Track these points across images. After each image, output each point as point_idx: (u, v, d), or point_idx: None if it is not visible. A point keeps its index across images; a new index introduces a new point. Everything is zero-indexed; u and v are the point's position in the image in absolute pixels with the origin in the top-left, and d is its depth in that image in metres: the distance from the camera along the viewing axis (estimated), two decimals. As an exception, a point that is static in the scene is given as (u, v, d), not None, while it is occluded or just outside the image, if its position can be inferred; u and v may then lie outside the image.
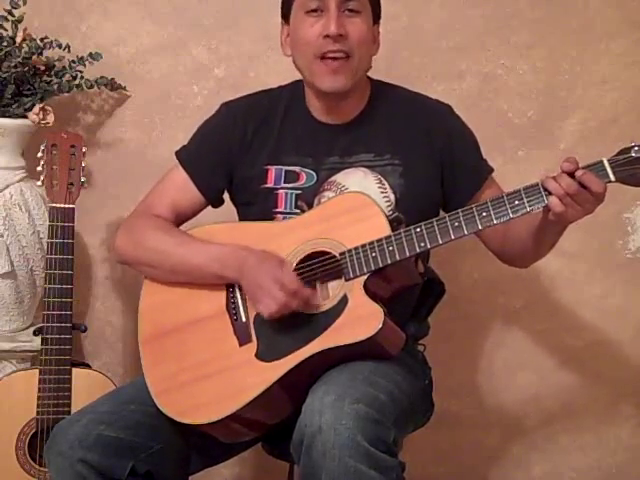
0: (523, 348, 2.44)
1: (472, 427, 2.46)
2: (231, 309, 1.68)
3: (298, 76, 1.83)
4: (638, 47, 2.33)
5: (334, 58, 1.70)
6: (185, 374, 1.66)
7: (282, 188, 1.78)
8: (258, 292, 1.62)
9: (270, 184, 1.79)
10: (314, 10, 1.71)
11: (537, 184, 1.53)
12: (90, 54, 2.20)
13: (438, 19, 2.33)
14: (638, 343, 2.43)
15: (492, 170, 1.85)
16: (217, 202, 1.89)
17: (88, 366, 2.07)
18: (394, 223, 1.66)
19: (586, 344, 2.42)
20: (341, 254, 1.62)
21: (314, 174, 1.78)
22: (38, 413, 1.94)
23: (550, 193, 1.51)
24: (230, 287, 1.70)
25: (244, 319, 1.67)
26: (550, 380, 2.44)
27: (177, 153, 1.88)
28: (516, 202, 1.53)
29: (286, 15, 1.79)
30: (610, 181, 1.49)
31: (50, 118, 2.15)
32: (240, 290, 1.69)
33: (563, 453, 2.47)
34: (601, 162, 1.50)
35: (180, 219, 1.85)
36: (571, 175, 1.50)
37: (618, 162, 1.49)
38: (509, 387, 2.46)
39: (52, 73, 2.20)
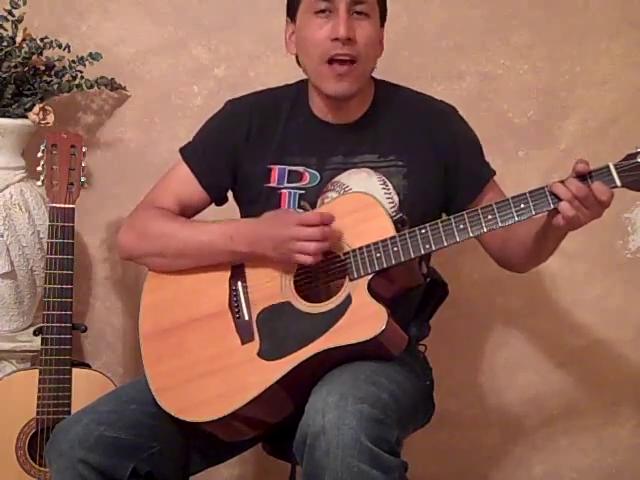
0: (523, 348, 2.44)
1: (472, 427, 2.47)
2: (234, 307, 1.68)
3: (298, 76, 1.83)
4: (638, 47, 2.34)
5: (341, 62, 1.70)
6: (186, 371, 1.66)
7: (285, 188, 1.78)
8: (289, 244, 1.60)
9: (273, 183, 1.79)
10: (322, 11, 1.70)
11: (543, 188, 1.53)
12: (90, 54, 2.20)
13: (438, 19, 2.33)
14: (638, 343, 2.43)
15: (494, 173, 1.85)
16: (220, 200, 1.89)
17: (88, 366, 2.06)
18: (398, 224, 1.66)
19: (586, 344, 2.43)
20: (345, 254, 1.62)
21: (318, 174, 1.78)
22: (38, 413, 1.94)
23: (557, 198, 1.50)
24: (233, 285, 1.70)
25: (247, 317, 1.66)
26: (550, 380, 2.44)
27: (181, 150, 1.88)
28: (522, 205, 1.53)
29: (292, 13, 1.78)
30: (616, 186, 1.49)
31: (50, 118, 2.15)
32: (243, 288, 1.69)
33: (563, 453, 2.47)
34: (607, 167, 1.49)
35: (184, 214, 1.84)
36: (581, 178, 1.50)
37: (624, 168, 1.48)
38: (509, 387, 2.46)
39: (52, 73, 2.20)
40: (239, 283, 1.70)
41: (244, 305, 1.68)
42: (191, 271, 1.74)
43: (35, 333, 2.02)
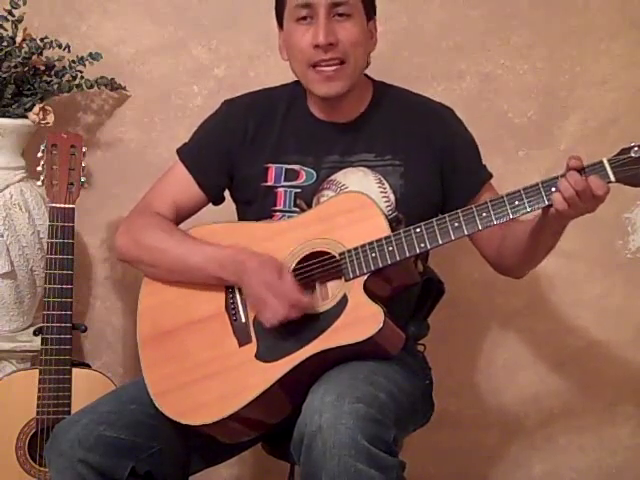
0: (523, 348, 2.44)
1: (472, 427, 2.46)
2: (230, 309, 1.68)
3: (298, 76, 1.83)
4: (638, 47, 2.34)
5: (328, 65, 1.70)
6: (184, 374, 1.66)
7: (282, 186, 1.78)
8: (258, 303, 1.62)
9: (270, 182, 1.79)
10: (304, 18, 1.71)
11: (537, 184, 1.53)
12: (90, 54, 2.20)
13: (438, 19, 2.33)
14: (638, 343, 2.43)
15: (491, 176, 1.85)
16: (218, 200, 1.89)
17: (88, 366, 2.07)
18: (393, 223, 1.66)
19: (586, 344, 2.43)
20: (341, 254, 1.62)
21: (314, 173, 1.78)
22: (38, 413, 1.94)
23: (552, 193, 1.50)
24: (230, 287, 1.70)
25: (243, 319, 1.67)
26: (550, 380, 2.44)
27: (178, 150, 1.88)
28: (516, 202, 1.53)
29: (279, 20, 1.79)
30: (610, 181, 1.49)
31: (50, 118, 2.15)
32: (240, 291, 1.69)
33: (563, 453, 2.47)
34: (601, 162, 1.49)
35: (181, 216, 1.85)
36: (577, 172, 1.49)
37: (618, 162, 1.48)
38: (509, 387, 2.46)
39: (52, 73, 2.20)
40: (236, 286, 1.70)
41: (241, 307, 1.68)
42: None
43: (35, 333, 2.02)
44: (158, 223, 1.80)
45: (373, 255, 1.59)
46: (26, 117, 2.14)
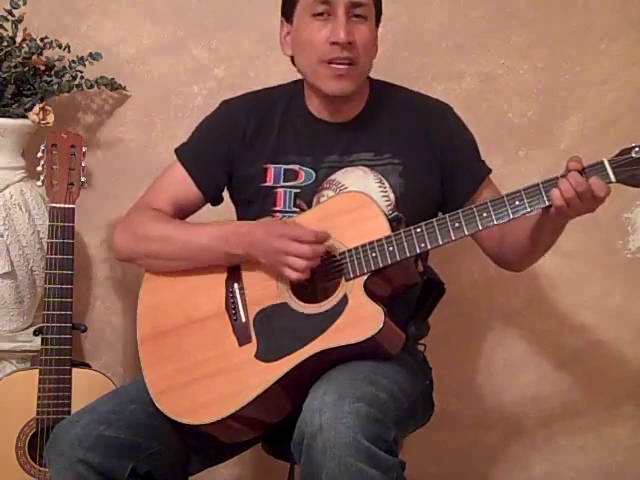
0: (523, 348, 2.44)
1: (472, 427, 2.47)
2: (230, 309, 1.68)
3: (299, 76, 1.83)
4: (638, 47, 2.34)
5: (340, 63, 1.70)
6: (184, 374, 1.66)
7: (281, 187, 1.78)
8: (280, 257, 1.61)
9: (269, 182, 1.79)
10: (321, 14, 1.70)
11: (537, 184, 1.53)
12: (90, 54, 2.20)
13: (438, 19, 2.33)
14: (638, 343, 2.43)
15: (490, 171, 1.85)
16: (216, 200, 1.89)
17: (88, 366, 2.07)
18: (394, 222, 1.66)
19: (586, 344, 2.43)
20: (341, 254, 1.62)
21: (313, 173, 1.78)
22: (38, 413, 1.94)
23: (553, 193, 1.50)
24: (230, 287, 1.70)
25: (244, 319, 1.67)
26: (550, 380, 2.44)
27: (177, 150, 1.88)
28: (517, 202, 1.53)
29: (288, 14, 1.78)
30: (611, 182, 1.49)
31: (50, 118, 2.15)
32: (240, 289, 1.69)
33: (563, 453, 2.47)
34: (602, 163, 1.49)
35: (179, 216, 1.85)
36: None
37: (619, 163, 1.48)
38: (509, 387, 2.46)
39: (52, 73, 2.20)
40: (235, 285, 1.70)
41: (241, 307, 1.68)
42: (188, 273, 1.74)
43: (35, 333, 2.02)
44: (155, 216, 1.80)
45: (373, 255, 1.59)
46: (26, 117, 2.14)
